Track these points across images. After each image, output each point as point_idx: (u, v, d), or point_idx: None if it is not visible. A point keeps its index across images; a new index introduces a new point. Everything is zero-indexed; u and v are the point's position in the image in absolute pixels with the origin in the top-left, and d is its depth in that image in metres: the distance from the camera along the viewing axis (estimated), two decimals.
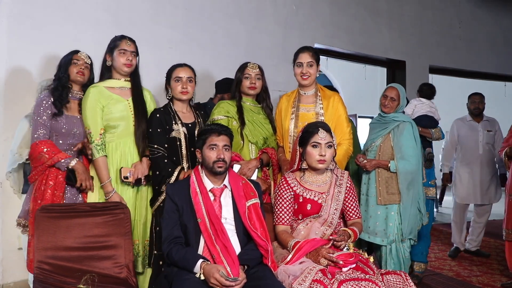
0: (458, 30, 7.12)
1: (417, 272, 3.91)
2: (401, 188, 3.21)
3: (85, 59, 2.86)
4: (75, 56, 2.83)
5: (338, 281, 2.06)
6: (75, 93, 2.83)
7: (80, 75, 2.80)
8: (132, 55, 2.83)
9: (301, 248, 2.29)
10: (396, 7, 6.49)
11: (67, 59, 2.82)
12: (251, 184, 2.45)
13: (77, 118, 2.79)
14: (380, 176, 3.28)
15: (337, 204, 2.55)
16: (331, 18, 5.78)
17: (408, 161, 3.22)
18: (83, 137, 2.79)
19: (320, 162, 2.49)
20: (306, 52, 3.04)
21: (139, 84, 2.93)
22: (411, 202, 3.22)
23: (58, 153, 2.62)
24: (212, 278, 1.99)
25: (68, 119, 2.74)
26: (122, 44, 2.81)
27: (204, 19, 4.72)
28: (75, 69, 2.79)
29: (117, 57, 2.81)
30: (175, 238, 2.22)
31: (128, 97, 2.85)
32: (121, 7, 4.21)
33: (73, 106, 2.81)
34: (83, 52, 2.87)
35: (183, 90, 2.83)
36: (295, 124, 3.07)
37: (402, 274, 2.23)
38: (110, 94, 2.79)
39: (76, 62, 2.81)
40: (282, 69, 4.72)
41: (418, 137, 3.35)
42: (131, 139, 2.81)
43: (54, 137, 2.72)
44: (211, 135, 2.35)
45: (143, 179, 2.76)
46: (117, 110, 2.78)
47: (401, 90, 3.45)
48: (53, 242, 2.29)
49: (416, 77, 6.48)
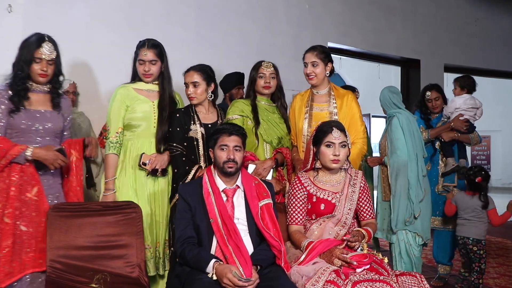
0: (474, 28, 7.02)
1: (442, 274, 3.85)
2: (390, 180, 3.27)
3: (49, 54, 2.41)
4: (37, 53, 2.38)
5: (352, 282, 2.03)
6: (39, 88, 2.46)
7: (43, 76, 2.41)
8: (151, 64, 2.80)
9: (315, 248, 2.26)
10: (409, 5, 6.42)
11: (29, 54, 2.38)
12: (263, 184, 2.43)
13: (41, 112, 2.44)
14: (383, 173, 3.36)
15: (351, 204, 2.51)
16: (344, 16, 5.74)
17: (395, 153, 3.27)
18: (54, 133, 2.48)
19: (334, 161, 2.46)
20: (310, 52, 3.02)
21: (166, 88, 2.90)
22: (400, 192, 3.23)
23: (10, 150, 2.27)
24: (225, 278, 1.97)
25: (28, 114, 2.39)
26: (140, 54, 2.80)
27: (216, 19, 4.72)
28: (37, 68, 2.39)
29: (138, 67, 2.82)
30: (188, 238, 2.21)
31: (155, 99, 2.87)
32: (134, 7, 4.23)
33: (37, 99, 2.45)
34: (48, 43, 2.41)
35: (190, 96, 2.89)
36: (308, 123, 3.05)
37: (417, 276, 2.19)
38: (137, 95, 2.82)
39: (39, 61, 2.39)
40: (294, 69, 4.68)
41: (409, 127, 3.30)
42: (149, 140, 2.82)
43: (14, 135, 2.38)
44: (222, 135, 2.33)
45: (159, 171, 2.78)
46: (141, 110, 2.80)
47: (381, 92, 3.53)
48: (65, 241, 2.29)
49: (430, 76, 6.41)
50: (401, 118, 3.31)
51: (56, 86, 2.51)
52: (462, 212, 3.51)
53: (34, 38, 2.41)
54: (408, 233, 3.25)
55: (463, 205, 3.51)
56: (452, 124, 3.75)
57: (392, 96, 3.43)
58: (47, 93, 2.48)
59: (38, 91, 2.45)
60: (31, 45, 2.38)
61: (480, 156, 12.62)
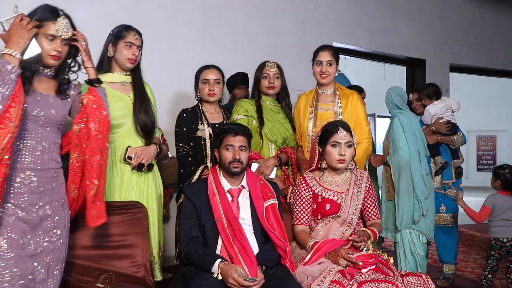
0: (481, 27, 6.96)
1: (447, 274, 3.84)
2: (394, 179, 3.29)
3: (64, 31, 1.93)
4: (48, 28, 1.88)
5: (357, 282, 2.03)
6: (45, 71, 1.97)
7: (55, 59, 1.93)
8: (138, 50, 2.57)
9: (320, 248, 2.27)
10: (415, 4, 6.39)
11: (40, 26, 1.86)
12: (269, 184, 2.43)
13: (43, 95, 1.94)
14: (387, 173, 3.39)
15: (357, 204, 2.51)
16: (349, 16, 5.73)
17: (397, 153, 3.27)
18: (56, 123, 1.99)
19: (339, 161, 2.46)
20: (326, 51, 3.01)
21: (141, 80, 2.67)
22: (404, 191, 3.23)
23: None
24: (230, 278, 1.97)
25: (31, 97, 1.89)
26: (129, 37, 2.54)
27: (222, 19, 4.72)
28: (50, 49, 1.91)
29: (121, 50, 2.53)
30: (193, 238, 2.21)
31: (129, 93, 2.61)
32: (139, 7, 4.23)
33: (39, 82, 1.95)
34: (62, 19, 1.92)
35: (210, 92, 2.86)
36: (313, 123, 3.05)
37: (423, 276, 2.19)
38: (110, 90, 2.45)
39: (52, 38, 1.91)
40: (300, 68, 4.68)
41: (410, 126, 3.30)
42: (136, 139, 2.60)
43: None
44: (227, 135, 2.33)
45: (145, 166, 2.58)
46: (119, 108, 2.53)
47: (387, 91, 3.51)
48: (70, 241, 2.29)
49: (436, 75, 6.38)
50: (401, 117, 3.31)
51: (65, 72, 2.04)
52: (501, 214, 3.41)
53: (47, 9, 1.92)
54: (412, 232, 3.24)
55: (504, 206, 3.41)
56: (433, 127, 3.82)
57: (395, 97, 3.43)
58: (52, 78, 2.00)
59: (42, 74, 1.96)
60: (45, 18, 1.89)
61: (486, 156, 12.55)
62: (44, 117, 1.93)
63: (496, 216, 3.43)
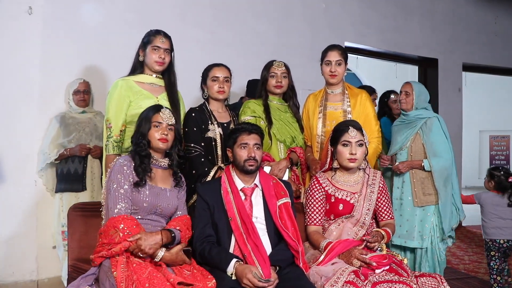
0: (494, 26, 6.88)
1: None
2: (438, 186, 3.15)
3: (168, 119, 2.24)
4: (156, 118, 2.21)
5: (371, 283, 2.02)
6: (159, 161, 2.23)
7: (163, 141, 2.19)
8: (166, 52, 2.67)
9: (333, 249, 2.25)
10: (427, 3, 6.34)
11: (147, 118, 2.21)
12: (281, 183, 2.42)
13: (161, 189, 2.19)
14: (415, 177, 3.21)
15: (370, 205, 2.49)
16: (361, 16, 5.70)
17: (442, 157, 3.17)
18: (170, 214, 2.24)
19: (350, 161, 2.44)
20: (335, 51, 3.00)
21: (174, 83, 2.77)
22: (448, 198, 3.16)
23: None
24: (244, 278, 1.97)
25: (152, 190, 2.15)
26: (155, 41, 2.65)
27: (232, 19, 4.72)
28: (157, 134, 2.18)
29: (149, 54, 2.66)
30: (207, 236, 2.21)
31: (158, 95, 2.69)
32: (149, 7, 4.25)
33: (156, 174, 2.21)
34: (166, 109, 2.26)
35: (220, 90, 2.80)
36: (322, 123, 3.04)
37: (437, 277, 2.17)
38: (140, 89, 2.64)
39: (158, 125, 2.20)
40: (310, 69, 4.65)
41: (447, 132, 3.25)
42: None
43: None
44: (241, 134, 2.33)
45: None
46: (147, 106, 2.48)
47: (416, 85, 3.35)
48: (85, 241, 2.30)
49: (448, 75, 6.33)
50: (441, 120, 3.25)
51: (174, 159, 2.26)
52: (492, 211, 3.43)
53: (152, 108, 2.25)
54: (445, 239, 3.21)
55: (493, 202, 3.45)
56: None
57: (427, 96, 3.36)
58: (166, 168, 2.25)
59: (157, 165, 2.21)
60: (149, 112, 2.23)
61: (499, 156, 12.43)
62: (161, 211, 2.19)
63: (487, 214, 3.46)
